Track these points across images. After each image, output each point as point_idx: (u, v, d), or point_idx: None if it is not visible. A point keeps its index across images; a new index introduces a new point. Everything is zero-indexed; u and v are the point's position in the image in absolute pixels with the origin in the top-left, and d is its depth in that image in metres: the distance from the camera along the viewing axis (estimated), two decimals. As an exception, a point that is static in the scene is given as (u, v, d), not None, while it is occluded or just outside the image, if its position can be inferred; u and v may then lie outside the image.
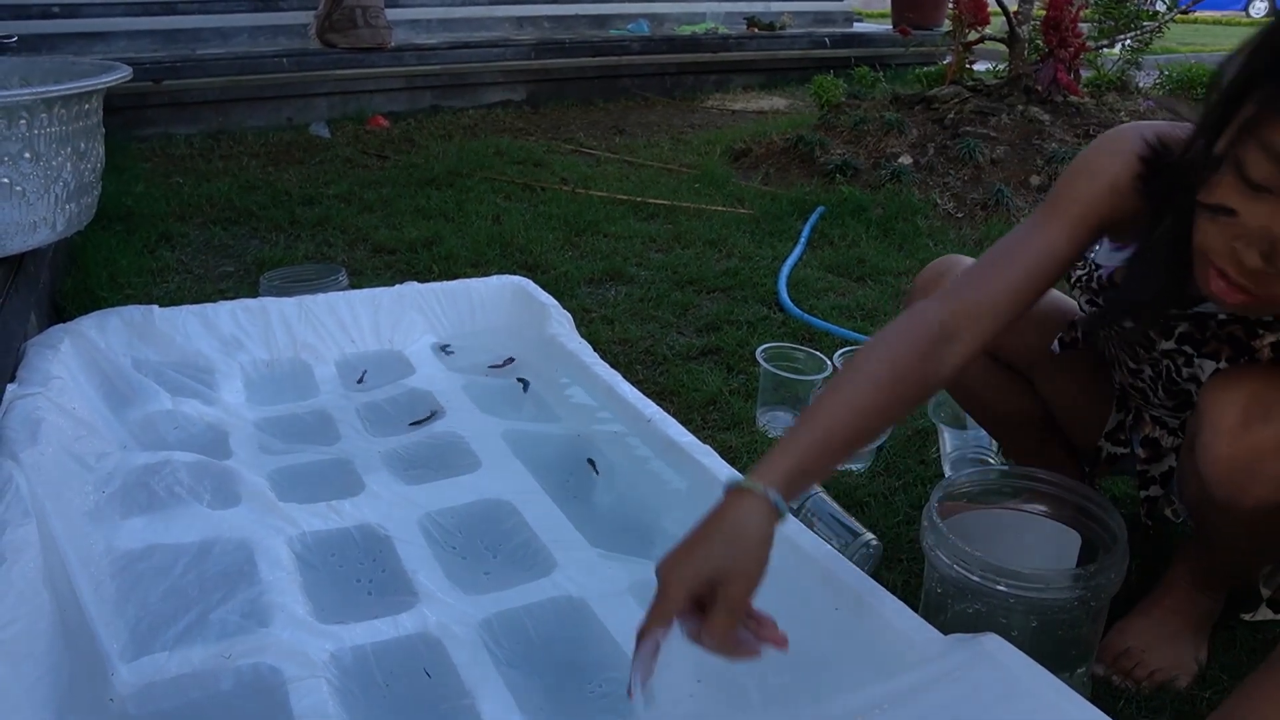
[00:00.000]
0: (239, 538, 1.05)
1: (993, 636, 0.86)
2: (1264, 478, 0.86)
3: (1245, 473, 0.87)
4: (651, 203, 2.93)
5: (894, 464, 1.50)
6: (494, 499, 1.18)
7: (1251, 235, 0.73)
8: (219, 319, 1.52)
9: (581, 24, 5.17)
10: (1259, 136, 0.71)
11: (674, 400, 1.70)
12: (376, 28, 4.26)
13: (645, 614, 0.78)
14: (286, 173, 3.29)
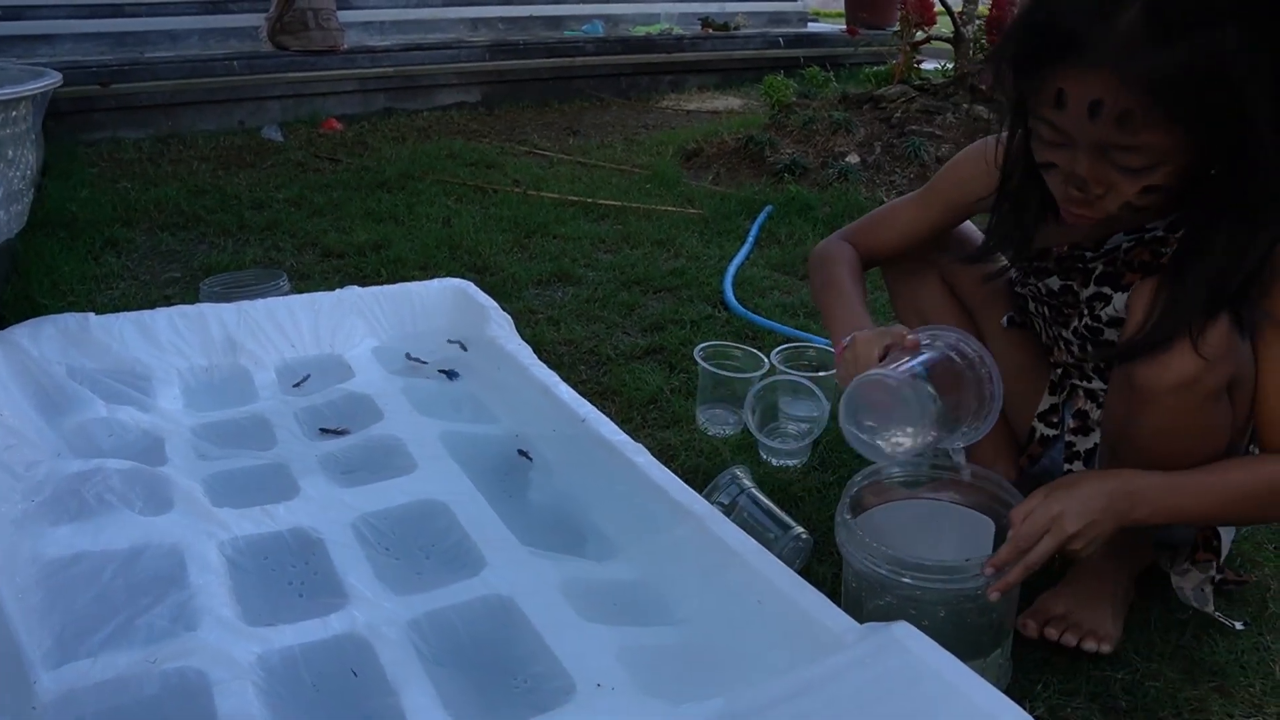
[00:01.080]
0: (170, 543, 1.05)
1: (903, 624, 0.89)
2: (1178, 352, 0.95)
3: (1163, 350, 0.96)
4: (602, 204, 2.95)
5: (829, 459, 1.53)
6: (428, 500, 1.20)
7: (1068, 177, 0.95)
8: (156, 326, 1.51)
9: (536, 25, 5.18)
10: (1035, 112, 0.94)
11: (615, 400, 1.72)
12: (329, 30, 4.25)
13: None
14: (237, 177, 3.27)
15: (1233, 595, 1.22)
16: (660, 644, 0.99)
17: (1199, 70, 0.83)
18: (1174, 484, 1.00)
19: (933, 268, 1.28)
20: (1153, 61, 0.83)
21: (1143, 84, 0.84)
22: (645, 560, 1.11)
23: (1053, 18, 0.88)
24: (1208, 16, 0.82)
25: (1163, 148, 0.88)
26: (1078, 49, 0.86)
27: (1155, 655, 1.12)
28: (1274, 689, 1.08)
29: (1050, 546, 0.96)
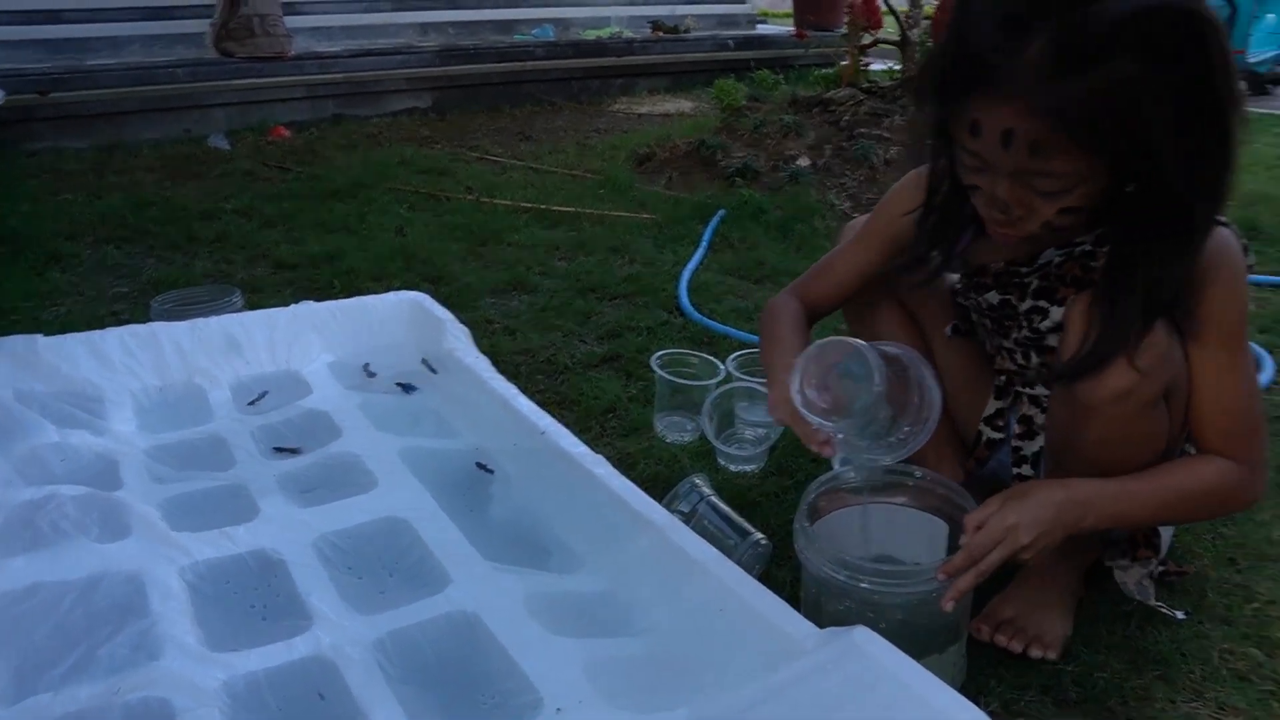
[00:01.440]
0: (129, 570, 1.04)
1: (861, 629, 0.91)
2: (1115, 366, 0.99)
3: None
4: (556, 210, 2.96)
5: (786, 464, 1.56)
6: (390, 517, 1.20)
7: (990, 200, 0.99)
8: (107, 346, 1.49)
9: (486, 30, 5.17)
10: (955, 139, 0.99)
11: (574, 409, 1.73)
12: (275, 36, 4.20)
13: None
14: (184, 187, 3.23)
15: (1174, 586, 1.27)
16: (626, 655, 1.00)
17: (1103, 99, 0.86)
18: (1120, 491, 1.04)
19: (889, 294, 1.30)
20: (1059, 92, 0.87)
21: (1051, 113, 0.88)
22: (609, 572, 1.13)
23: (966, 48, 0.92)
24: (1111, 48, 0.85)
25: (1076, 172, 0.92)
26: (989, 79, 0.90)
27: (1103, 647, 1.16)
28: (1213, 675, 1.12)
29: (1002, 556, 0.99)
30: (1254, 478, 1.06)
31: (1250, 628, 1.20)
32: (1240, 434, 1.05)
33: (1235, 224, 1.04)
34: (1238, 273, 1.01)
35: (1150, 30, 0.85)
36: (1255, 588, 1.27)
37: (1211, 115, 0.89)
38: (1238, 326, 1.02)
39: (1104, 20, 0.84)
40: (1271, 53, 6.38)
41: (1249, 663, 1.14)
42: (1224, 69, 0.87)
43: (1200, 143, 0.90)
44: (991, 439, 1.29)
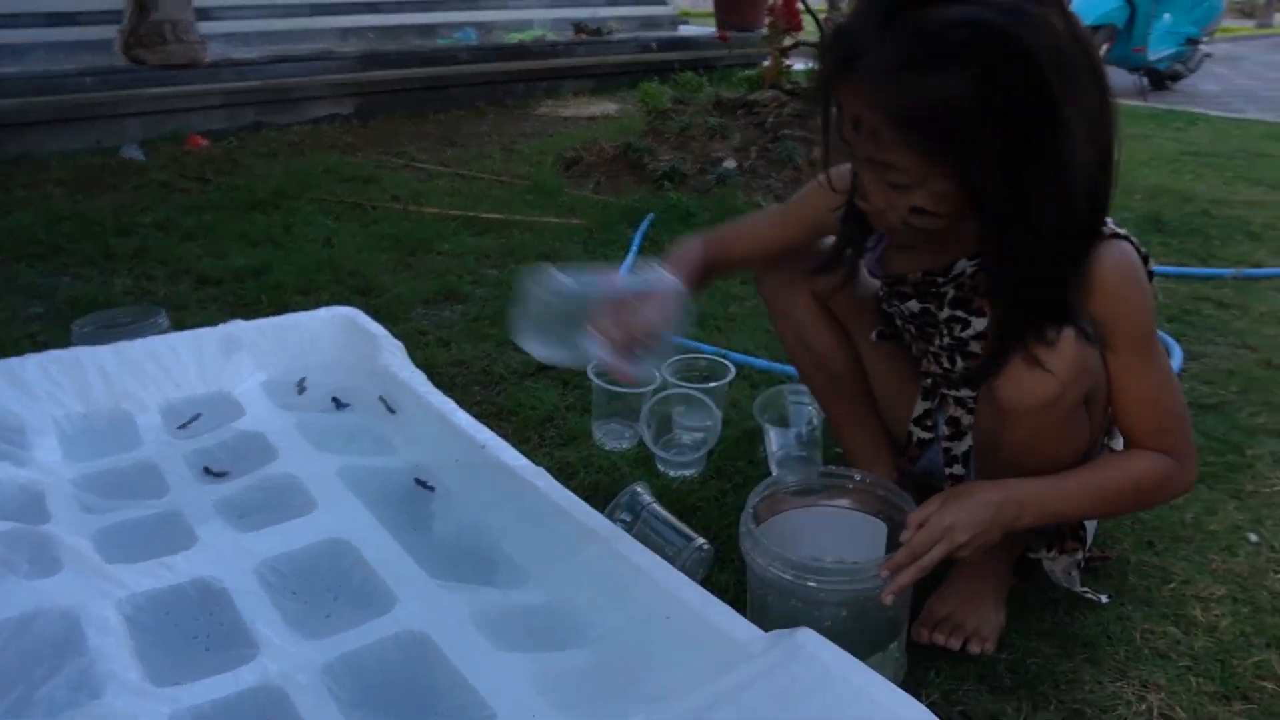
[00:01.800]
0: (62, 607, 1.01)
1: (806, 630, 0.94)
2: (1040, 374, 1.02)
3: (1026, 373, 1.03)
4: (485, 217, 2.95)
5: (724, 467, 1.58)
6: (332, 539, 1.19)
7: (859, 187, 1.04)
8: (26, 374, 1.44)
9: (408, 34, 5.11)
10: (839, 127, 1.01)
11: (512, 420, 1.73)
12: (188, 43, 4.10)
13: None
14: (98, 200, 3.13)
15: (1098, 571, 1.33)
16: (575, 667, 1.01)
17: (930, 107, 0.89)
18: (1055, 490, 1.09)
19: (804, 288, 1.32)
20: (896, 88, 0.90)
21: (886, 107, 0.92)
22: (555, 584, 1.13)
23: (840, 40, 0.95)
24: (951, 60, 0.88)
25: (915, 170, 0.95)
26: (850, 68, 0.94)
27: (1034, 634, 1.21)
28: (1136, 655, 1.18)
29: (942, 553, 1.03)
30: (1184, 467, 1.10)
31: (1168, 607, 1.26)
32: (1166, 429, 1.10)
33: (1144, 217, 1.10)
34: (1140, 285, 1.05)
35: (987, 54, 0.87)
36: (1171, 569, 1.34)
37: (1043, 146, 0.90)
38: (1147, 333, 1.06)
39: (950, 31, 0.87)
40: (1170, 50, 6.66)
41: (1168, 641, 1.20)
42: (1062, 97, 0.88)
43: (1030, 169, 0.91)
44: (922, 439, 1.34)
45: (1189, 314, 2.26)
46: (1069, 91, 0.89)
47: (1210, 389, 1.86)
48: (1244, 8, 17.49)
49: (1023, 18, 0.86)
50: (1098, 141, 0.93)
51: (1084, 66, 0.90)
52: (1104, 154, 0.94)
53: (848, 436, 1.42)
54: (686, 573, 1.23)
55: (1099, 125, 0.93)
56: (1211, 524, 1.44)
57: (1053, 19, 0.88)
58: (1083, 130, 0.90)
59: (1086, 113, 0.90)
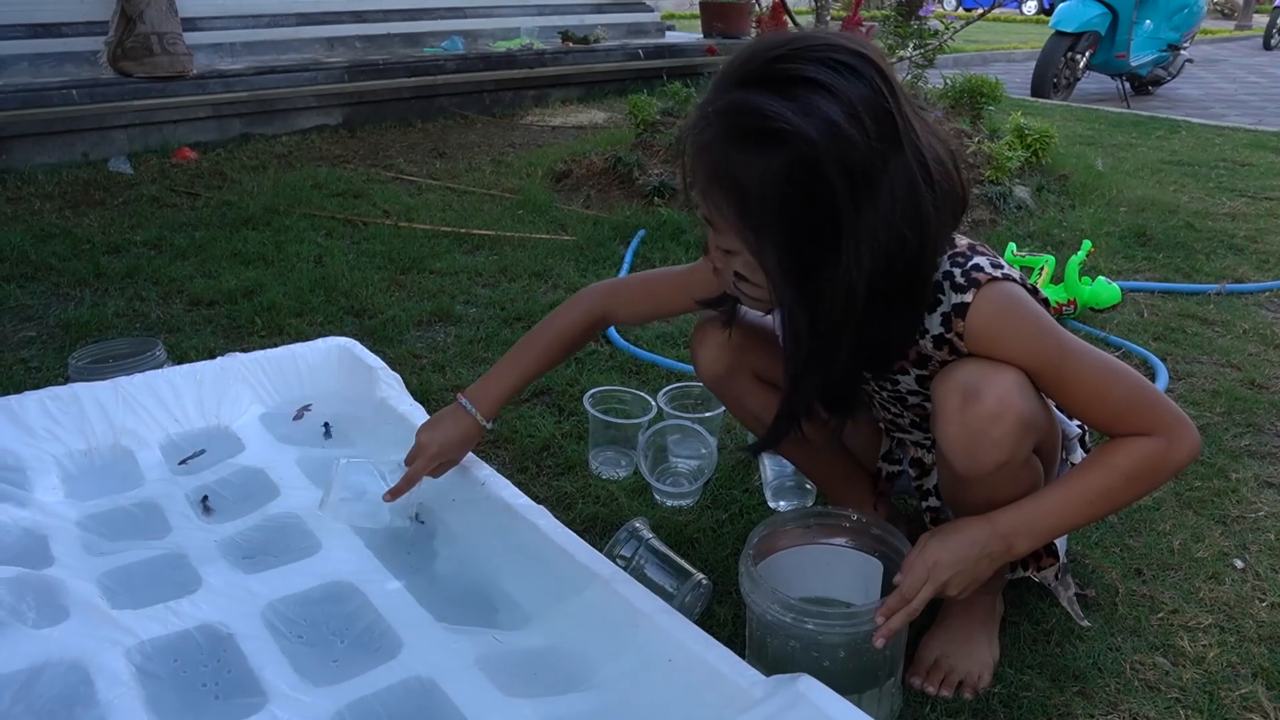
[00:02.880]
0: (71, 658, 1.02)
1: (806, 678, 0.96)
2: (987, 444, 1.05)
3: (973, 444, 1.05)
4: (476, 234, 2.96)
5: (720, 496, 1.60)
6: (336, 581, 1.20)
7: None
8: (26, 411, 1.45)
9: (395, 43, 5.10)
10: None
11: (508, 448, 1.74)
12: (175, 54, 4.08)
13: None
14: (87, 217, 3.12)
15: (1087, 601, 1.35)
16: (579, 712, 1.03)
17: (738, 178, 0.93)
18: (1041, 510, 1.08)
19: (741, 368, 1.31)
20: (716, 154, 0.94)
21: (707, 169, 0.96)
22: (557, 627, 1.15)
23: (695, 111, 0.99)
24: (758, 146, 0.91)
25: (730, 235, 0.98)
26: (693, 131, 0.97)
27: (1026, 667, 1.24)
28: (1126, 687, 1.21)
29: (929, 594, 1.05)
30: (1173, 436, 1.05)
31: (1157, 637, 1.29)
32: (1130, 412, 1.06)
33: (1130, 230, 1.11)
34: (1015, 315, 1.05)
35: (786, 153, 0.90)
36: (1159, 597, 1.37)
37: (824, 246, 0.94)
38: (1052, 348, 1.05)
39: (766, 120, 0.90)
40: (1151, 56, 6.73)
41: (1158, 672, 1.23)
42: (848, 207, 0.92)
43: (811, 262, 0.96)
44: (890, 473, 1.38)
45: (1174, 331, 2.29)
46: (860, 202, 0.92)
47: (1196, 410, 1.89)
48: (1223, 8, 17.63)
49: (829, 128, 0.89)
50: (895, 241, 0.95)
51: (892, 175, 0.93)
52: (913, 245, 0.96)
53: (822, 482, 1.46)
54: (685, 609, 1.25)
55: (902, 223, 0.95)
56: (1198, 550, 1.47)
57: (855, 130, 0.90)
58: (877, 235, 0.94)
59: (884, 216, 0.94)
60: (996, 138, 3.57)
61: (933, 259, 1.01)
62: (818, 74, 0.91)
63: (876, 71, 0.93)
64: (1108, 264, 2.76)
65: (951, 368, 1.07)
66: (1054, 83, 6.36)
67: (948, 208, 1.00)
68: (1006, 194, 3.23)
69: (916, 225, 0.96)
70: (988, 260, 1.06)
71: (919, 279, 1.01)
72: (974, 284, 1.03)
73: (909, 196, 0.95)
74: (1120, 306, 2.45)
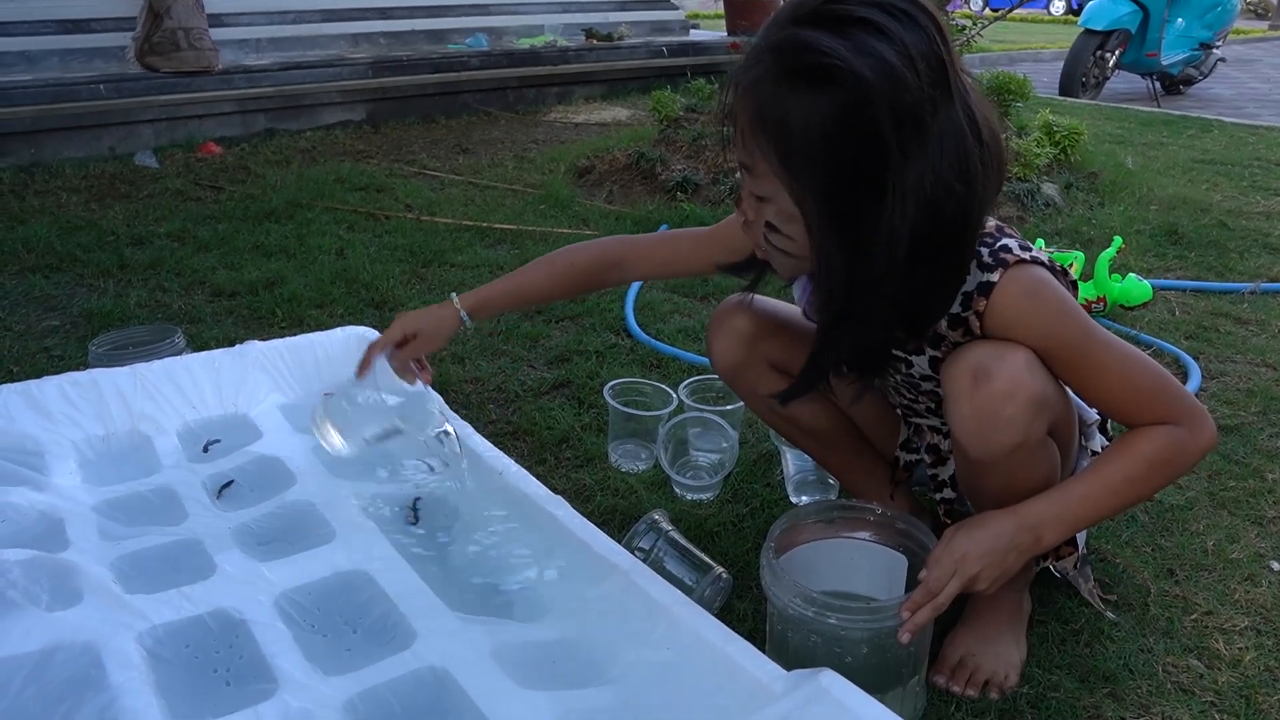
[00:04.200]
0: (83, 640, 1.01)
1: (828, 672, 0.93)
2: (1000, 424, 1.02)
3: (986, 425, 1.03)
4: (498, 228, 2.95)
5: (741, 490, 1.58)
6: (350, 570, 1.18)
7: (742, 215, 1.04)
8: (45, 396, 1.45)
9: (419, 40, 5.10)
10: None
11: (527, 440, 1.73)
12: (201, 50, 4.10)
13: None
14: (112, 210, 3.14)
15: (1119, 601, 1.32)
16: (596, 705, 1.01)
17: (784, 118, 0.90)
18: (1068, 499, 1.06)
19: (756, 359, 1.29)
20: (763, 95, 0.92)
21: (751, 110, 0.93)
22: (574, 618, 1.13)
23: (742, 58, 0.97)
24: (810, 85, 0.89)
25: (769, 180, 0.95)
26: (739, 77, 0.95)
27: (1054, 667, 1.21)
28: (1158, 689, 1.17)
29: (956, 588, 1.02)
30: (1194, 427, 1.04)
31: (1191, 639, 1.25)
32: (1152, 402, 1.05)
33: (1160, 228, 1.09)
34: (1042, 298, 1.02)
35: (837, 92, 0.88)
36: (1193, 599, 1.33)
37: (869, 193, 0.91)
38: (1076, 333, 1.03)
39: (820, 58, 0.88)
40: (1182, 55, 6.63)
41: (1191, 675, 1.19)
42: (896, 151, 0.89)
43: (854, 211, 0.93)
44: (908, 462, 1.35)
45: (1207, 330, 2.25)
46: (908, 146, 0.89)
47: (1230, 410, 1.85)
48: (1257, 9, 17.39)
49: (883, 67, 0.87)
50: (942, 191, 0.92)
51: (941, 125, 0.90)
52: (961, 199, 0.93)
53: (839, 473, 1.43)
54: (705, 603, 1.23)
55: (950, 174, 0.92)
56: (1233, 552, 1.43)
57: (909, 73, 0.88)
58: (924, 182, 0.91)
59: (931, 164, 0.91)
60: (1024, 135, 3.52)
61: (979, 217, 0.97)
62: (873, 15, 0.88)
63: (931, 20, 0.90)
64: (1138, 262, 2.71)
65: (961, 350, 1.05)
66: (1083, 82, 6.28)
67: (997, 173, 0.97)
68: (1034, 191, 3.18)
69: (965, 178, 0.92)
70: (1016, 242, 1.03)
71: (965, 236, 0.97)
72: (1001, 264, 1.01)
73: (958, 148, 0.91)
74: (1151, 304, 2.40)
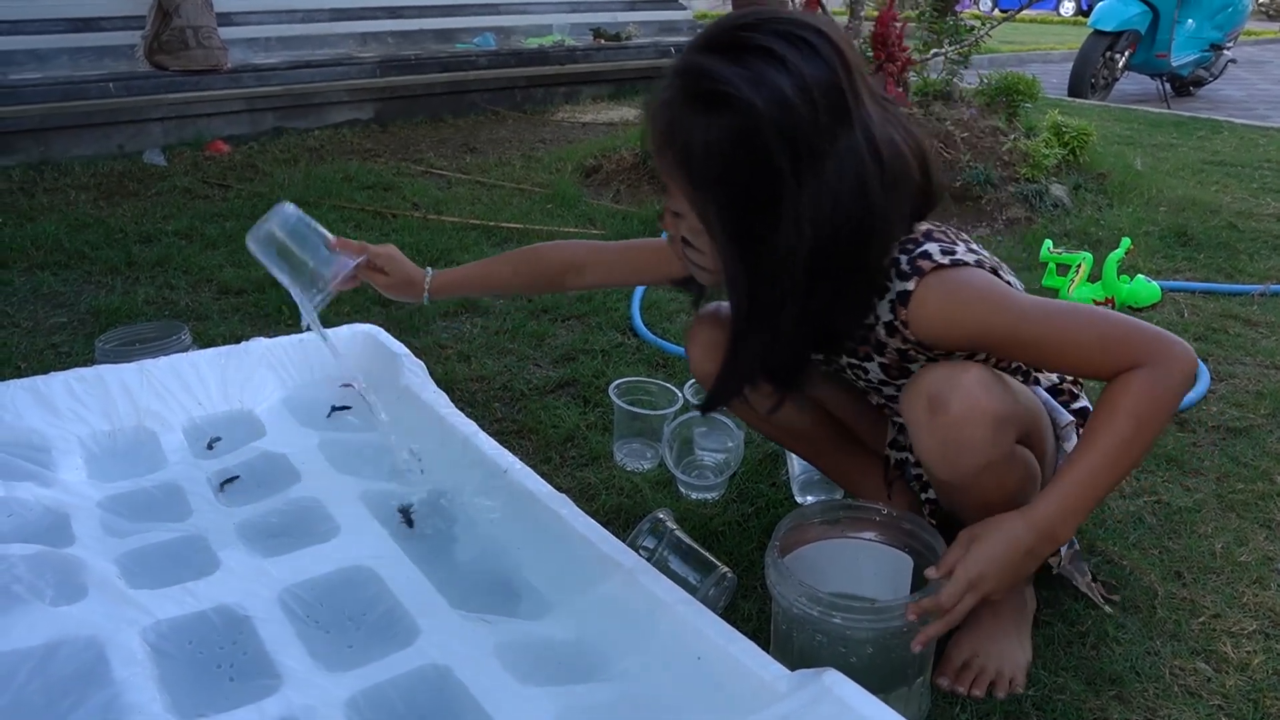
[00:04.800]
0: (87, 635, 1.01)
1: (832, 672, 0.93)
2: (963, 449, 1.03)
3: (949, 451, 1.04)
4: (504, 227, 2.95)
5: (746, 490, 1.57)
6: (354, 566, 1.18)
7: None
8: (52, 391, 1.45)
9: (427, 39, 5.11)
10: None
11: (532, 438, 1.72)
12: (210, 48, 4.11)
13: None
14: (120, 207, 3.15)
15: (1125, 603, 1.31)
16: (599, 703, 1.00)
17: (688, 139, 0.96)
18: (1070, 488, 1.01)
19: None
20: (669, 115, 0.98)
21: (660, 129, 0.99)
22: (577, 616, 1.13)
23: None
24: (709, 108, 0.94)
25: (678, 197, 1.00)
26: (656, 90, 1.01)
27: (1060, 669, 1.20)
28: (1165, 692, 1.16)
29: (971, 604, 1.01)
30: (1160, 357, 0.99)
31: (1198, 642, 1.25)
32: (1110, 350, 1.01)
33: (1169, 230, 1.08)
34: (961, 295, 1.03)
35: (733, 117, 0.92)
36: (1201, 601, 1.32)
37: (764, 209, 0.95)
38: (1009, 320, 1.02)
39: (717, 84, 0.93)
40: (1193, 56, 6.60)
41: (1198, 678, 1.19)
42: (787, 176, 0.93)
43: (751, 227, 0.97)
44: (899, 459, 1.34)
45: (1216, 332, 2.23)
46: (802, 174, 0.94)
47: (1239, 412, 1.84)
48: (1268, 10, 17.31)
49: (776, 96, 0.91)
50: (840, 215, 0.96)
51: (840, 152, 0.94)
52: (860, 221, 0.97)
53: (834, 474, 1.43)
54: (709, 602, 1.23)
55: (848, 199, 0.95)
56: (1242, 554, 1.42)
57: (802, 103, 0.92)
58: (820, 208, 0.95)
59: (828, 190, 0.94)
60: (1033, 135, 3.51)
61: (881, 242, 1.01)
62: (775, 45, 0.92)
63: (835, 52, 0.94)
64: (1147, 263, 2.69)
65: (915, 379, 1.06)
66: (1091, 83, 6.26)
67: (902, 195, 1.00)
68: (1043, 192, 3.17)
69: (862, 205, 0.96)
70: (939, 247, 1.04)
71: (864, 261, 1.00)
72: (918, 272, 1.02)
73: (856, 174, 0.95)
74: (1160, 306, 2.39)
